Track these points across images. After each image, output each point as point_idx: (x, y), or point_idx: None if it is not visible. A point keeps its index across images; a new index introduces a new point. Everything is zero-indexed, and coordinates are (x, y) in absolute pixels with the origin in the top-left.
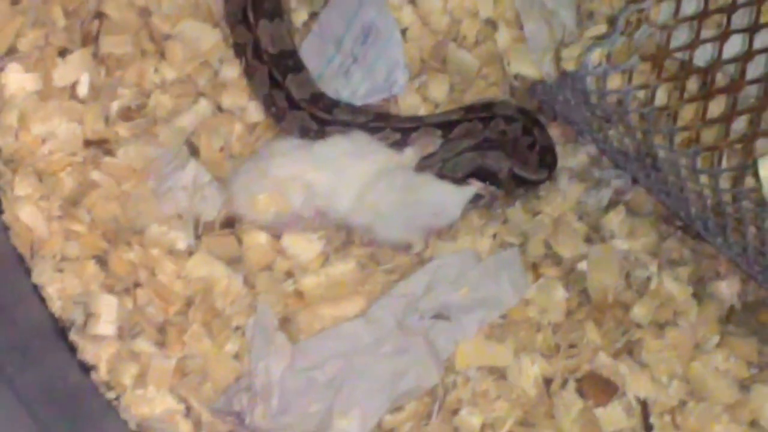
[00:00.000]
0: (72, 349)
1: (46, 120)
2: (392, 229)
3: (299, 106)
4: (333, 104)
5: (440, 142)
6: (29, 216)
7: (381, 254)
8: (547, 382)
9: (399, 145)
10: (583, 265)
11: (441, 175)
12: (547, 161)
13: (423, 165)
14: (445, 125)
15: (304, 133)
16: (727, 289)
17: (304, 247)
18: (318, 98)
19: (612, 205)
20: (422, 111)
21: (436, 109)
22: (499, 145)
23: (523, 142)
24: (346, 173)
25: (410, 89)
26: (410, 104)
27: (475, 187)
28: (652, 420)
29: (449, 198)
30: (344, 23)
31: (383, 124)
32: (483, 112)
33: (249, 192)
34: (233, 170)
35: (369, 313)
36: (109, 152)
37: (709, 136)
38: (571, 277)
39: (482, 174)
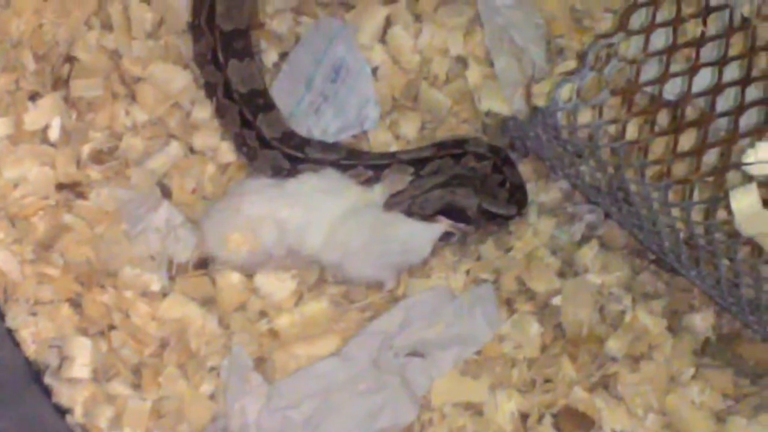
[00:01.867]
0: (47, 392)
1: (17, 164)
2: (362, 267)
3: (271, 145)
4: (305, 142)
5: (410, 179)
6: (2, 260)
7: (354, 292)
8: (524, 417)
9: (371, 181)
10: (557, 300)
11: (409, 213)
12: (517, 198)
13: (391, 203)
14: (417, 162)
15: (277, 172)
16: (702, 321)
17: (277, 286)
18: (289, 137)
19: (585, 239)
20: (394, 147)
21: (407, 145)
22: (469, 181)
23: (493, 179)
24: (317, 211)
25: (382, 126)
26: (382, 141)
27: (444, 224)
28: None
29: (418, 235)
30: (314, 62)
31: (356, 161)
32: (455, 148)
33: (221, 231)
34: (205, 211)
35: (344, 352)
36: (82, 195)
37: (680, 169)
38: (545, 312)
39: (451, 211)
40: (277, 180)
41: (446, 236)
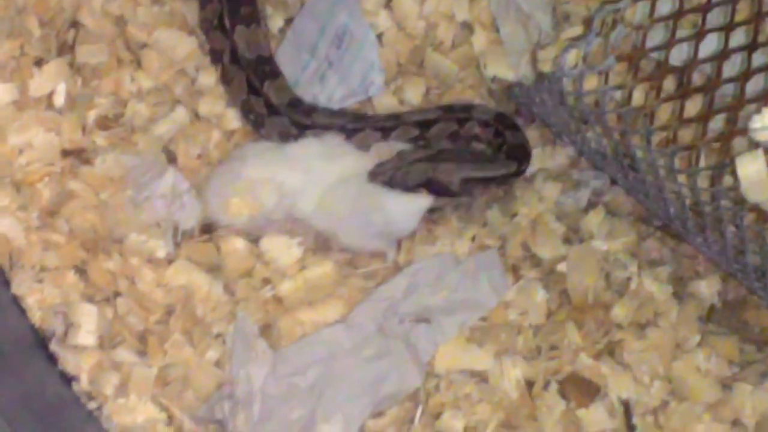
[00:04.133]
0: (52, 359)
1: (22, 130)
2: (351, 235)
3: (279, 112)
4: (312, 109)
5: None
6: (7, 227)
7: (359, 259)
8: (529, 384)
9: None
10: (562, 267)
11: (390, 184)
12: (516, 155)
13: (375, 173)
14: (423, 123)
15: (284, 139)
16: (707, 288)
17: (282, 252)
18: (297, 103)
19: (591, 206)
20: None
21: None
22: (454, 155)
23: (491, 145)
24: (314, 176)
25: (387, 92)
26: (387, 107)
27: (428, 198)
28: (635, 421)
29: (402, 208)
30: (318, 28)
31: (362, 124)
32: (461, 113)
33: (222, 196)
34: (210, 174)
35: (349, 318)
36: (87, 162)
37: (686, 135)
38: (550, 278)
39: (432, 186)
40: (279, 144)
41: (431, 210)
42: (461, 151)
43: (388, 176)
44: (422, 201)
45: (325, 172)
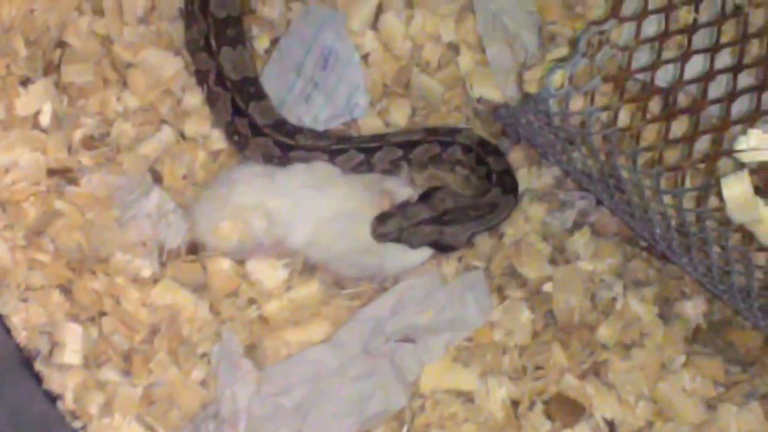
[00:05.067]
0: (38, 378)
1: (8, 150)
2: (346, 268)
3: (263, 133)
4: (296, 130)
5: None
6: None
7: (345, 280)
8: (515, 404)
9: (363, 164)
10: (548, 287)
11: (397, 241)
12: (508, 186)
13: (380, 234)
14: (407, 144)
15: (268, 160)
16: (693, 309)
17: (268, 273)
18: (281, 124)
19: (576, 226)
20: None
21: None
22: (459, 215)
23: (474, 172)
24: (304, 205)
25: (372, 113)
26: (372, 128)
27: (430, 251)
28: None
29: (401, 259)
30: (303, 49)
31: (346, 145)
32: (445, 136)
33: (211, 220)
34: (196, 197)
35: (335, 338)
36: (73, 181)
37: (672, 156)
38: (536, 298)
39: (439, 246)
40: (266, 169)
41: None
42: (464, 207)
43: (394, 236)
44: (424, 253)
45: (314, 202)
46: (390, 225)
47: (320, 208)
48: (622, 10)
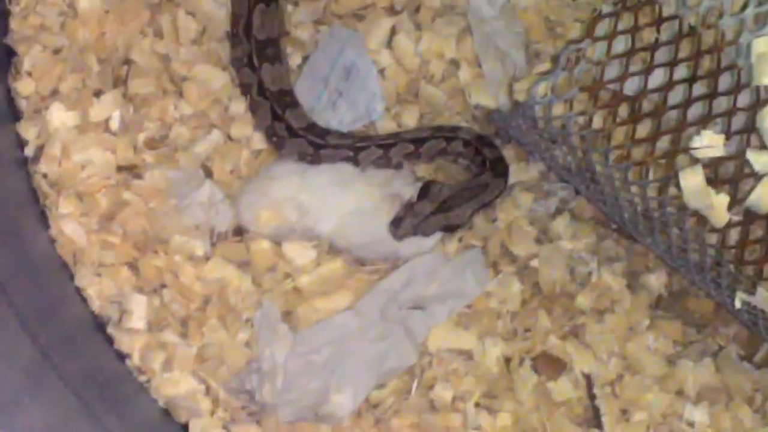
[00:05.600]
0: (109, 340)
1: (84, 150)
2: (366, 254)
3: (297, 135)
4: (325, 132)
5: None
6: (71, 230)
7: (364, 260)
8: (507, 360)
9: (381, 158)
10: (535, 263)
11: (414, 236)
12: (500, 170)
13: (400, 234)
14: (418, 140)
15: (302, 157)
16: (656, 280)
17: (300, 253)
18: (312, 127)
19: (558, 212)
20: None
21: None
22: (459, 197)
23: (473, 162)
24: (329, 201)
25: (387, 117)
26: (387, 129)
27: (440, 234)
28: (595, 391)
29: (417, 242)
30: (330, 64)
31: (368, 143)
32: (449, 132)
33: (253, 209)
34: (240, 190)
35: (357, 306)
36: (138, 176)
37: (638, 153)
38: (525, 272)
39: (448, 229)
40: (299, 167)
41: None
42: (460, 190)
43: (409, 233)
44: (431, 240)
45: (338, 199)
46: (405, 227)
47: (343, 204)
48: (596, 31)
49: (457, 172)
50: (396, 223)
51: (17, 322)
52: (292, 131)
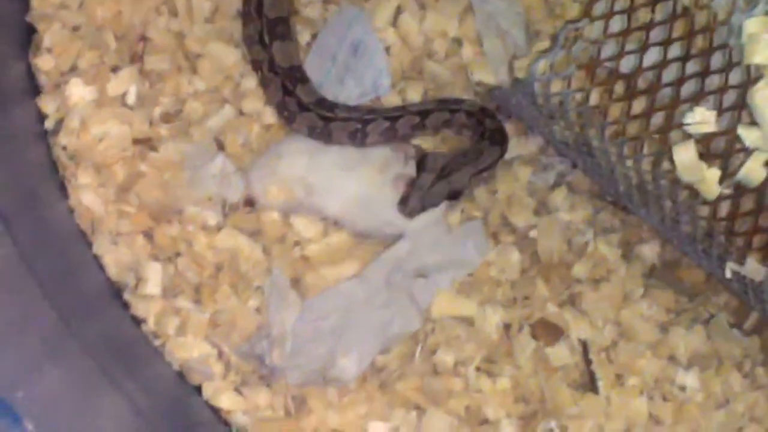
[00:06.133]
0: (126, 306)
1: (101, 123)
2: (373, 231)
3: (308, 109)
4: (334, 106)
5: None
6: (90, 200)
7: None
8: (507, 327)
9: (389, 130)
10: (533, 233)
11: (423, 209)
12: (497, 139)
13: (408, 210)
14: (423, 112)
15: (312, 131)
16: (650, 251)
17: (307, 225)
18: (322, 102)
19: (556, 184)
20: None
21: None
22: (457, 162)
23: (474, 133)
24: (336, 183)
25: (393, 93)
26: (393, 104)
27: (445, 204)
28: (591, 356)
29: (421, 221)
30: (338, 41)
31: (375, 115)
32: (453, 104)
33: (263, 184)
34: (252, 163)
35: (363, 274)
36: (153, 148)
37: (633, 128)
38: (524, 242)
39: (453, 195)
40: (308, 145)
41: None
42: (455, 157)
43: (419, 208)
44: (435, 212)
45: (344, 182)
46: (412, 202)
47: (347, 188)
48: (593, 11)
49: (460, 143)
50: (404, 202)
51: (37, 288)
52: (303, 106)
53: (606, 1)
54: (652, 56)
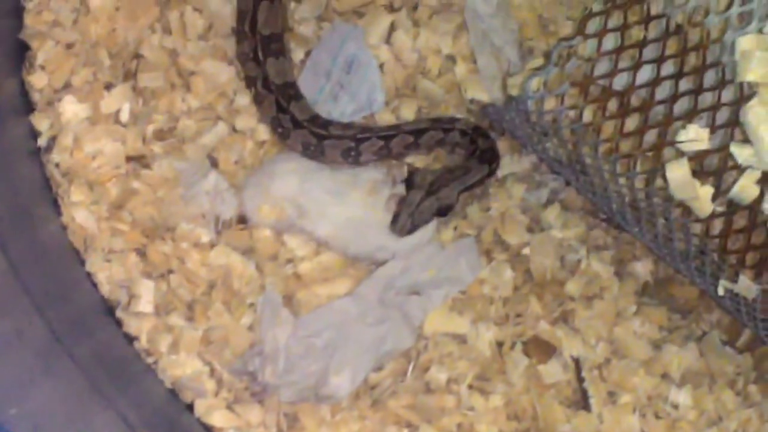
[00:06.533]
0: (118, 323)
1: (95, 141)
2: (364, 255)
3: (302, 126)
4: (328, 123)
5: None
6: (82, 217)
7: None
8: (499, 344)
9: (383, 149)
10: (526, 250)
11: (413, 228)
12: (486, 158)
13: (399, 229)
14: (417, 132)
15: (306, 147)
16: (642, 268)
17: (300, 244)
18: (315, 119)
19: (549, 202)
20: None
21: None
22: (444, 179)
23: (467, 152)
24: (326, 209)
25: (386, 111)
26: (387, 121)
27: (435, 222)
28: (584, 374)
29: (411, 242)
30: (331, 58)
31: (369, 134)
32: (447, 123)
33: (255, 202)
34: (245, 181)
35: (356, 292)
36: (146, 166)
37: (626, 146)
38: (517, 260)
39: (442, 211)
40: (300, 166)
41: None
42: (442, 173)
43: (409, 226)
44: (430, 227)
45: (335, 207)
46: (402, 219)
47: (338, 213)
48: (587, 28)
49: (452, 162)
50: (394, 220)
51: (31, 305)
52: (297, 122)
53: (599, 19)
54: (645, 74)
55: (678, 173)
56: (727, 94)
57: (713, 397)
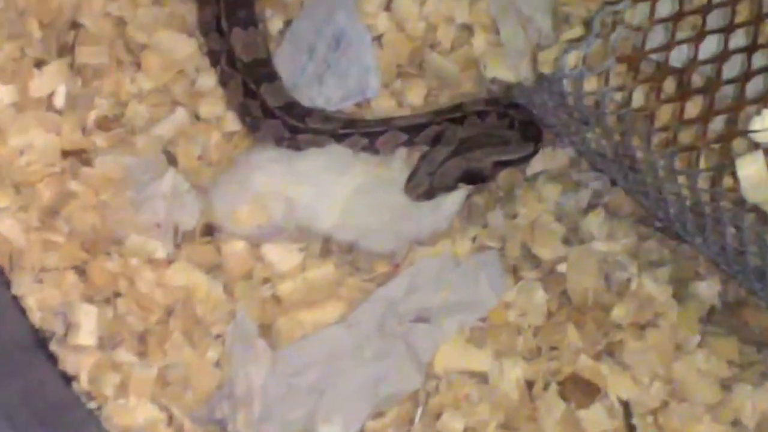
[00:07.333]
0: (53, 359)
1: (22, 131)
2: (378, 243)
3: (274, 115)
4: (306, 113)
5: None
6: (7, 228)
7: (359, 260)
8: (529, 385)
9: (367, 149)
10: (562, 267)
11: (432, 190)
12: (530, 135)
13: (413, 189)
14: (413, 128)
15: (279, 142)
16: (707, 289)
17: (283, 256)
18: (292, 106)
19: (590, 207)
20: (397, 115)
21: (413, 113)
22: (477, 141)
23: (501, 126)
24: (327, 190)
25: (385, 94)
26: (385, 108)
27: (464, 189)
28: (635, 421)
29: (441, 210)
30: (315, 31)
31: (352, 130)
32: (453, 113)
33: (229, 204)
34: (213, 181)
35: (349, 318)
36: (87, 162)
37: (686, 136)
38: (550, 279)
39: (469, 176)
40: (283, 153)
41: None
42: (479, 136)
43: (427, 186)
44: (456, 198)
45: (336, 185)
46: (419, 177)
47: (345, 187)
48: None
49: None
50: (410, 177)
51: None
52: (268, 111)
53: None
54: (709, 46)
55: (752, 170)
56: None
57: None
